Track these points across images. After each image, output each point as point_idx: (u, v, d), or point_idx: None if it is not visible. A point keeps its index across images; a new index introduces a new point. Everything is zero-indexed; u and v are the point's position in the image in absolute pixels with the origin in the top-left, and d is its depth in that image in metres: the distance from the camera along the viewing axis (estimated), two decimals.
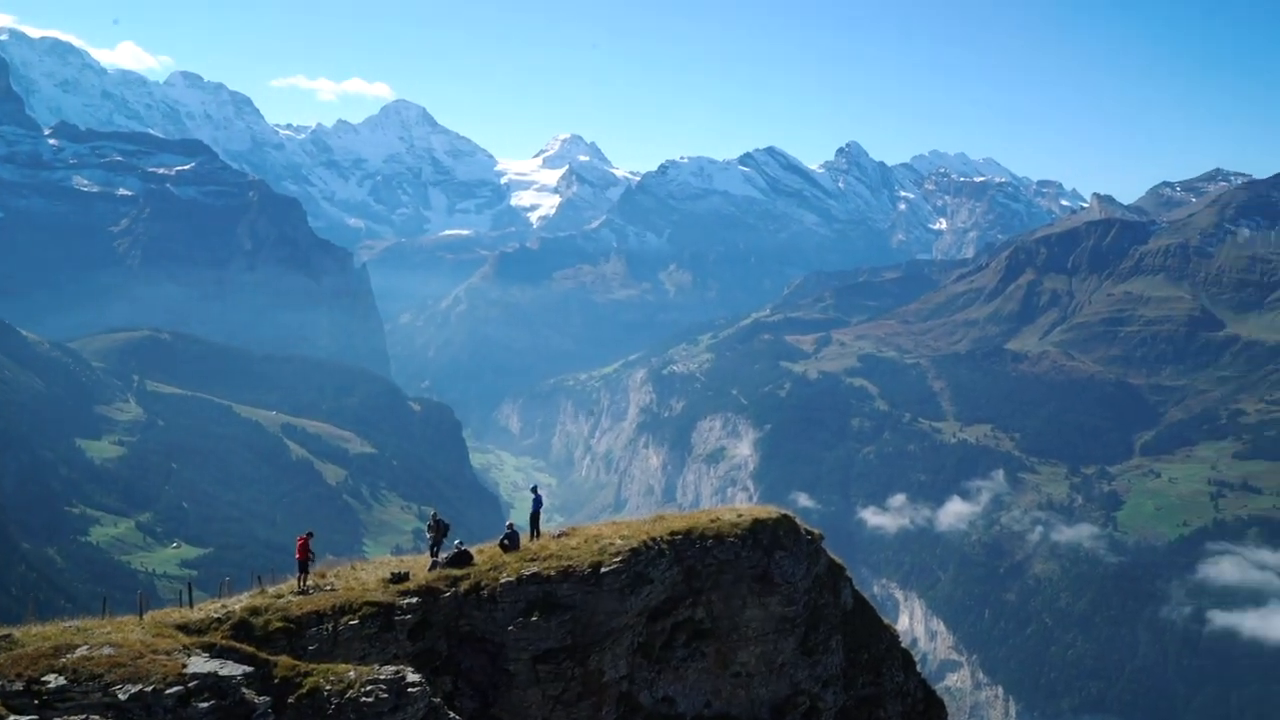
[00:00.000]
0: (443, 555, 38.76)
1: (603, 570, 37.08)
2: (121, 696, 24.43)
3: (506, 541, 39.72)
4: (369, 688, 28.47)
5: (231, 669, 26.40)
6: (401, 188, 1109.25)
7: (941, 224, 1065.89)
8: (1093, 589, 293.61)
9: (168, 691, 24.84)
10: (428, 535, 39.90)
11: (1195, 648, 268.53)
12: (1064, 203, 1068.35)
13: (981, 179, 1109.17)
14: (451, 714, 30.47)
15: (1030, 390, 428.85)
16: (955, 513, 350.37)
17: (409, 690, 28.70)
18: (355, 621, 33.45)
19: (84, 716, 23.60)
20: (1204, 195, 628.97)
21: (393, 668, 29.73)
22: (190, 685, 25.27)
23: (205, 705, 24.99)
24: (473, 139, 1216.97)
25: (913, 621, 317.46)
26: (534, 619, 35.81)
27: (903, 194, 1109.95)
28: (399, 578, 36.42)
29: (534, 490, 45.28)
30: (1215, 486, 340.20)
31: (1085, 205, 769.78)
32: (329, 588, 35.82)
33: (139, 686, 24.76)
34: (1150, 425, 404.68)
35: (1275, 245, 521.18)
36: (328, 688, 28.71)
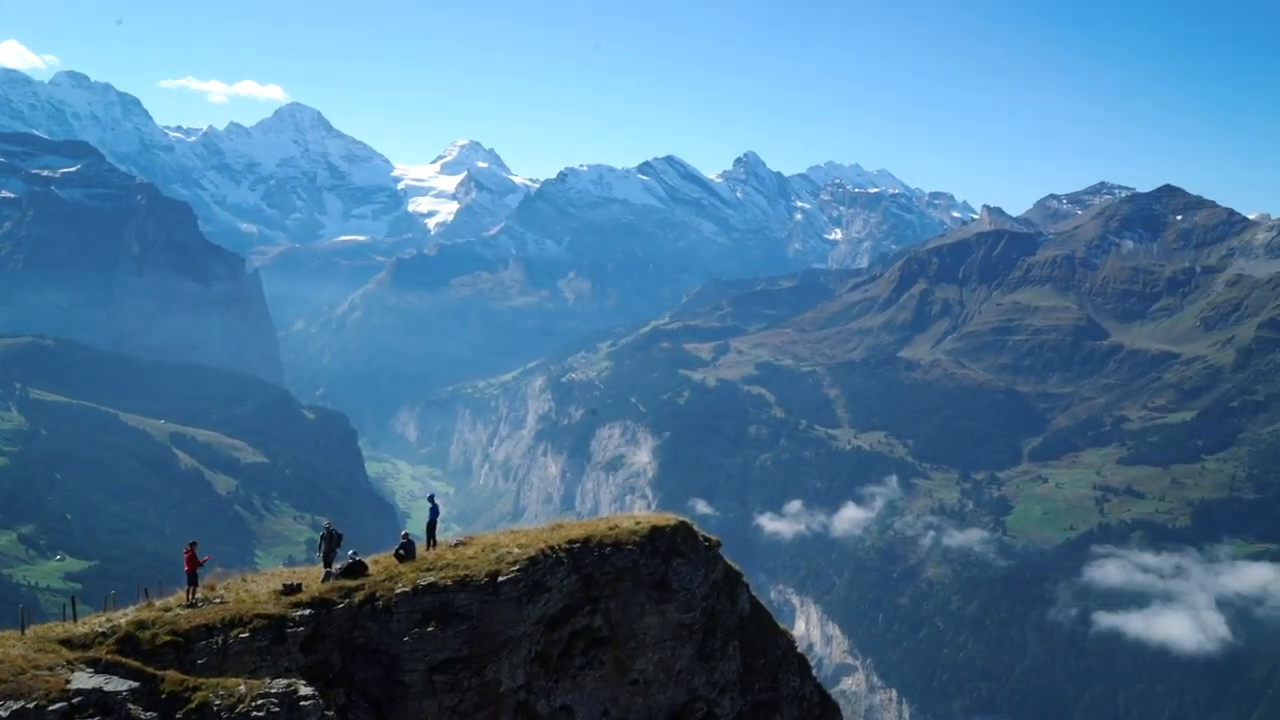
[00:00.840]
0: (336, 566, 38.18)
1: (500, 579, 36.91)
2: (3, 714, 23.70)
3: (402, 551, 39.29)
4: (260, 702, 27.95)
5: (117, 684, 25.76)
6: (296, 192, 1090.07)
7: (837, 234, 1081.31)
8: (983, 592, 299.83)
9: (51, 708, 24.16)
10: (320, 546, 39.23)
11: (1082, 648, 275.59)
12: (955, 214, 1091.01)
13: (876, 190, 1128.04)
14: None
15: (923, 398, 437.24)
16: (850, 518, 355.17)
17: (301, 704, 28.24)
18: (246, 634, 32.80)
19: None
20: (1089, 208, 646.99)
21: (284, 681, 29.23)
22: (74, 701, 24.60)
23: None
24: (369, 144, 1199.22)
25: (809, 626, 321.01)
26: (430, 629, 35.49)
27: (799, 204, 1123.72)
28: (291, 589, 35.81)
29: (430, 499, 44.90)
30: (1100, 491, 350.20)
31: (976, 217, 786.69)
32: (219, 600, 35.08)
33: (21, 703, 24.05)
34: (1038, 432, 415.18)
35: (1158, 257, 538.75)
36: (217, 702, 28.13)
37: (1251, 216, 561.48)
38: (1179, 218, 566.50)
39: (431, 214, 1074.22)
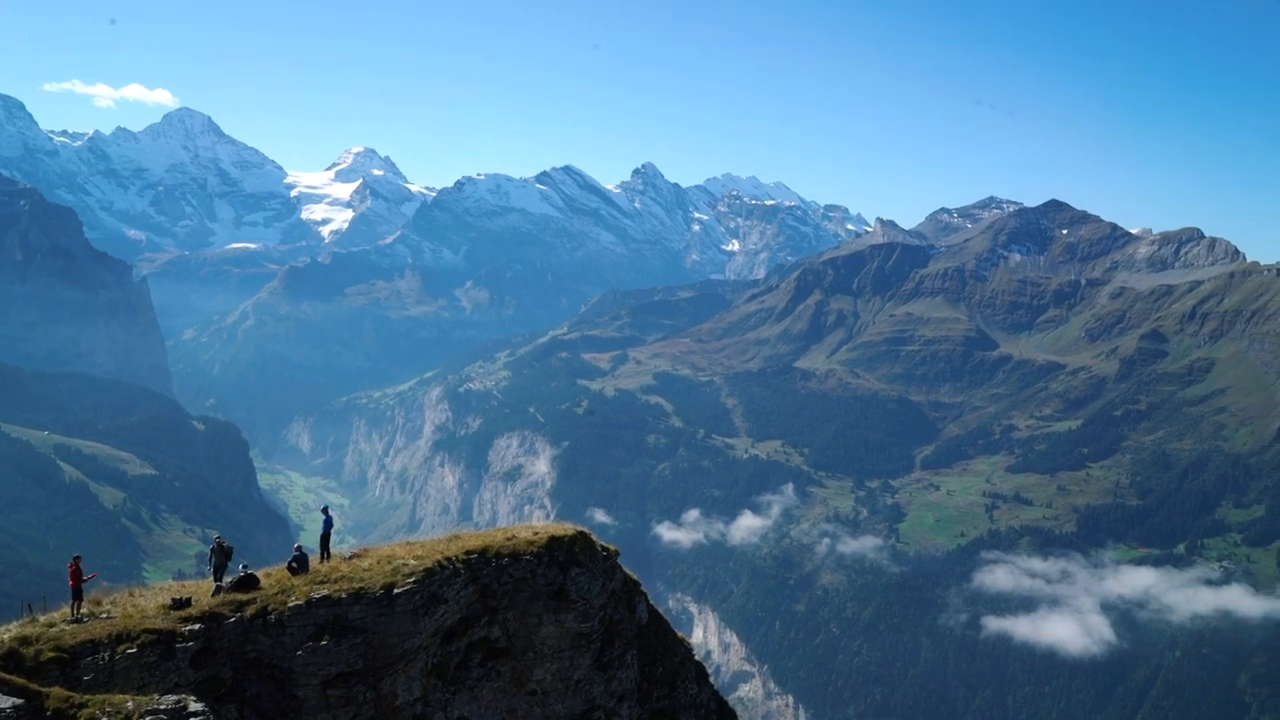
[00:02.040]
0: (227, 580, 37.49)
1: (395, 591, 36.56)
2: None
3: (295, 564, 38.69)
4: (148, 718, 27.37)
5: (0, 702, 25.04)
6: (185, 199, 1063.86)
7: (734, 245, 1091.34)
8: (877, 598, 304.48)
9: None
10: (211, 560, 38.49)
11: (973, 652, 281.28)
12: (850, 226, 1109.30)
13: (772, 202, 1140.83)
14: None
15: (819, 407, 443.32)
16: (747, 527, 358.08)
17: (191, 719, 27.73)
18: (133, 650, 32.03)
19: None
20: (979, 221, 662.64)
21: (174, 697, 28.65)
22: None
23: None
24: (262, 150, 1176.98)
25: (706, 634, 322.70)
26: (324, 643, 35.01)
27: (697, 215, 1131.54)
28: (180, 604, 35.06)
29: (324, 511, 44.27)
30: (990, 499, 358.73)
31: (869, 229, 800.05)
32: (105, 615, 34.20)
33: None
34: (930, 440, 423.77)
35: (1044, 270, 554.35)
36: (104, 719, 27.48)
37: (1134, 231, 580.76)
38: (1065, 232, 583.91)
39: (326, 222, 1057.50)
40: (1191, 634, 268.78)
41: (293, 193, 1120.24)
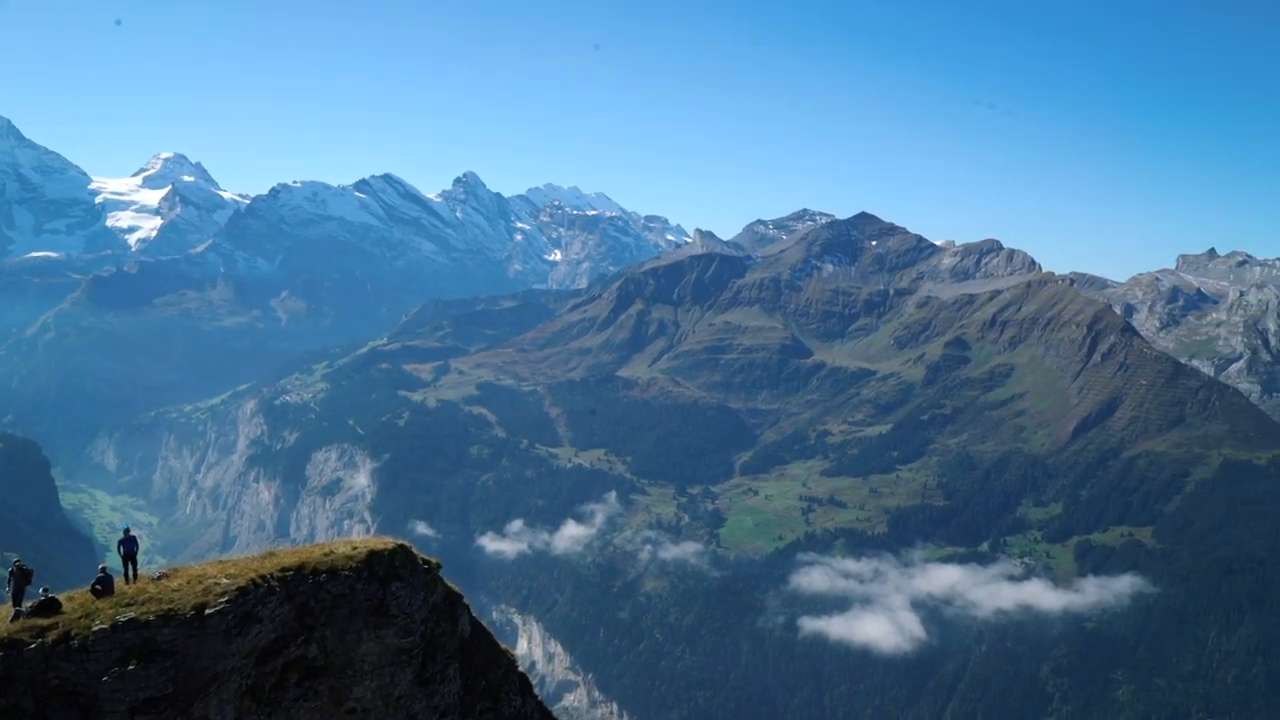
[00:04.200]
0: (27, 604, 36.10)
1: (207, 612, 35.79)
2: None
3: (99, 586, 37.46)
4: None
5: None
6: None
7: (556, 255, 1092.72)
8: (699, 603, 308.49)
9: None
10: (9, 584, 37.00)
11: (791, 653, 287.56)
12: (670, 237, 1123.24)
13: (594, 212, 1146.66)
14: None
15: (641, 415, 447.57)
16: (571, 536, 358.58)
17: None
18: None
19: None
20: (794, 233, 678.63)
21: None
22: None
23: None
24: (65, 154, 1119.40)
25: (531, 645, 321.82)
26: (131, 667, 34.04)
27: (519, 225, 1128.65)
28: None
29: (126, 531, 42.89)
30: (806, 502, 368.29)
31: (689, 240, 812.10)
32: None
33: None
34: (748, 446, 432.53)
35: (855, 280, 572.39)
36: None
37: (938, 243, 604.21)
38: (874, 243, 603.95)
39: (133, 229, 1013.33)
40: (996, 628, 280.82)
41: (98, 199, 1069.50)
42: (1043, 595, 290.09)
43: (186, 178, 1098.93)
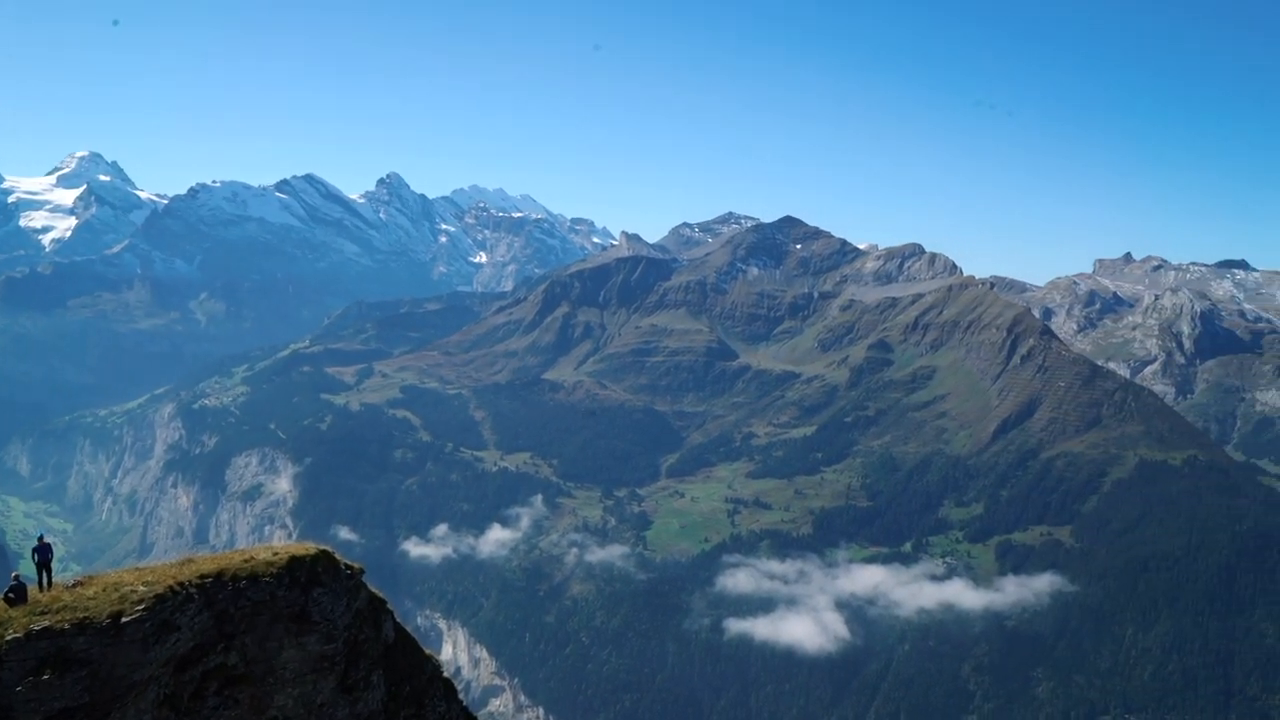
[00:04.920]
0: None
1: (124, 620, 34.88)
2: None
3: (12, 594, 36.37)
4: None
5: None
6: None
7: (482, 257, 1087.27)
8: (625, 606, 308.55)
9: None
10: None
11: (717, 655, 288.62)
12: (596, 240, 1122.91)
13: (519, 215, 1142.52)
14: None
15: (567, 418, 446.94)
16: (497, 540, 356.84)
17: None
18: None
19: None
20: (719, 236, 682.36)
21: None
22: None
23: None
24: None
25: (456, 650, 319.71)
26: (45, 677, 33.08)
27: (444, 227, 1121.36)
28: None
29: (40, 539, 41.78)
30: (731, 504, 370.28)
31: (615, 242, 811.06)
32: None
33: None
34: (674, 449, 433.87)
35: (780, 283, 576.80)
36: None
37: (862, 246, 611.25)
38: (799, 247, 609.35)
39: (46, 229, 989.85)
40: (918, 628, 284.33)
41: (10, 199, 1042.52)
42: (964, 594, 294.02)
43: (102, 177, 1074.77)
